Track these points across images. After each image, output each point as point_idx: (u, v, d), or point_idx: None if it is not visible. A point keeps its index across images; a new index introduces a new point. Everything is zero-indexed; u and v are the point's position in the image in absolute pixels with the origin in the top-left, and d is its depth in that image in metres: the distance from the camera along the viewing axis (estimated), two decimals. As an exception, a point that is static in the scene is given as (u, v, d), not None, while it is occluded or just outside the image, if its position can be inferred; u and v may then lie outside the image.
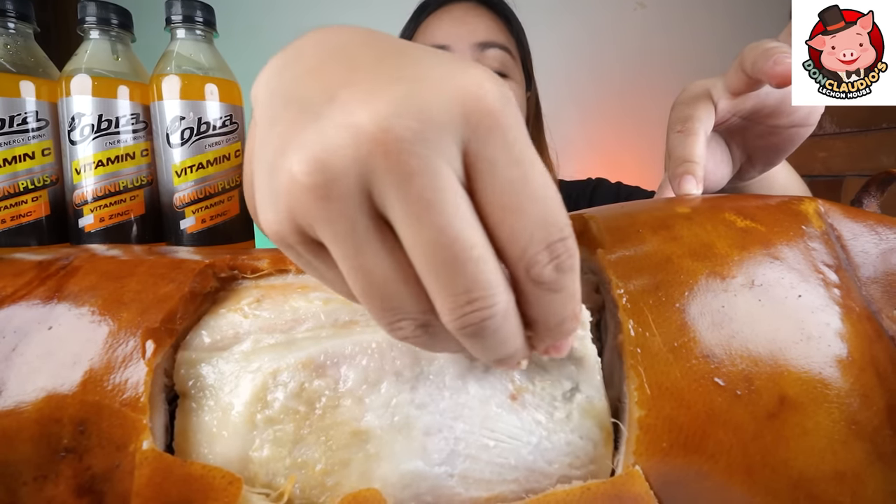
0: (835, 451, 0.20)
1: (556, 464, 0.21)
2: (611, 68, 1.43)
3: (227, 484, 0.20)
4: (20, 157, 0.35)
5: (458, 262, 0.14)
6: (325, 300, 0.24)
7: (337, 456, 0.20)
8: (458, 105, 0.14)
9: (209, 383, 0.22)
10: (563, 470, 0.21)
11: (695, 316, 0.21)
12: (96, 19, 0.35)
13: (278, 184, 0.14)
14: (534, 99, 0.78)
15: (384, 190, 0.14)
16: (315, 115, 0.14)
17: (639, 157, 1.41)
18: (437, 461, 0.20)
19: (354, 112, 0.13)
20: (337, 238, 0.14)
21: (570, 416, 0.21)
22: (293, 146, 0.14)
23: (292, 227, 0.15)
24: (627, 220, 0.25)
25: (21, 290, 0.24)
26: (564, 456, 0.21)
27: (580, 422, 0.21)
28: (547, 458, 0.21)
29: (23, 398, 0.21)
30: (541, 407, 0.21)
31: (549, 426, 0.21)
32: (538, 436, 0.21)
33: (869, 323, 0.22)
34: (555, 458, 0.21)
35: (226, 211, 0.38)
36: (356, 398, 0.21)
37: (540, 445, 0.21)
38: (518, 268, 0.15)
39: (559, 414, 0.21)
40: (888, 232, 0.25)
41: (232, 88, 0.38)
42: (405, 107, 0.13)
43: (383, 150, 0.13)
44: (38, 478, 0.21)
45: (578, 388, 0.22)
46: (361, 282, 0.15)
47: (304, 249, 0.16)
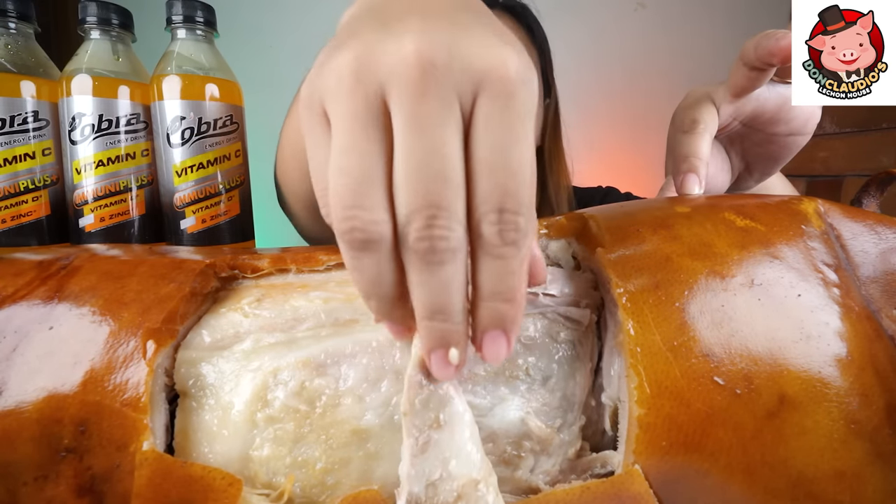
0: (834, 449, 0.20)
1: None
2: (611, 69, 1.43)
3: (227, 485, 0.20)
4: (21, 157, 0.35)
5: (438, 180, 0.16)
6: (325, 299, 0.24)
7: (337, 454, 0.20)
8: (487, 62, 0.16)
9: (210, 382, 0.22)
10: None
11: (694, 315, 0.21)
12: (97, 19, 0.36)
13: (330, 60, 0.17)
14: (553, 106, 0.78)
15: (399, 95, 0.16)
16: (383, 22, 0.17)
17: (639, 158, 1.41)
18: None
19: (410, 30, 0.16)
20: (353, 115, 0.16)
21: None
22: (357, 37, 0.16)
23: (320, 94, 0.17)
24: (627, 220, 0.25)
25: (22, 290, 0.24)
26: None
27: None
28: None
29: (23, 398, 0.21)
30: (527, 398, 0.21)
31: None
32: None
33: (868, 322, 0.22)
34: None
35: (226, 211, 0.38)
36: (356, 397, 0.21)
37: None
38: (472, 219, 0.17)
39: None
40: (887, 231, 0.25)
41: (232, 88, 0.38)
42: (447, 43, 0.16)
43: (414, 63, 0.15)
44: (39, 478, 0.21)
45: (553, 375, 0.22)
46: (350, 156, 0.16)
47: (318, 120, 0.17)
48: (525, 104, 0.16)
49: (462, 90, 0.16)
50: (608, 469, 0.21)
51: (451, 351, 0.18)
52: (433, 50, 0.15)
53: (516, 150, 0.16)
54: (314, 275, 0.26)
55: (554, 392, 0.22)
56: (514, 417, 0.22)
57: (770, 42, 0.29)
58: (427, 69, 0.15)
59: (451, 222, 0.16)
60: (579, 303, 0.24)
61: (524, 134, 0.16)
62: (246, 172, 0.40)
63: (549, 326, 0.23)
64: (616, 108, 1.45)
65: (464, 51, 0.16)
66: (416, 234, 0.16)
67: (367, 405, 0.21)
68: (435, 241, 0.16)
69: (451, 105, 0.16)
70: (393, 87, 0.16)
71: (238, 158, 0.38)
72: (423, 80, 0.15)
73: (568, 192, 0.75)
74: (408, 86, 0.15)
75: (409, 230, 0.16)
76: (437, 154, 0.16)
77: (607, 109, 1.45)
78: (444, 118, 0.16)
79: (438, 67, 0.15)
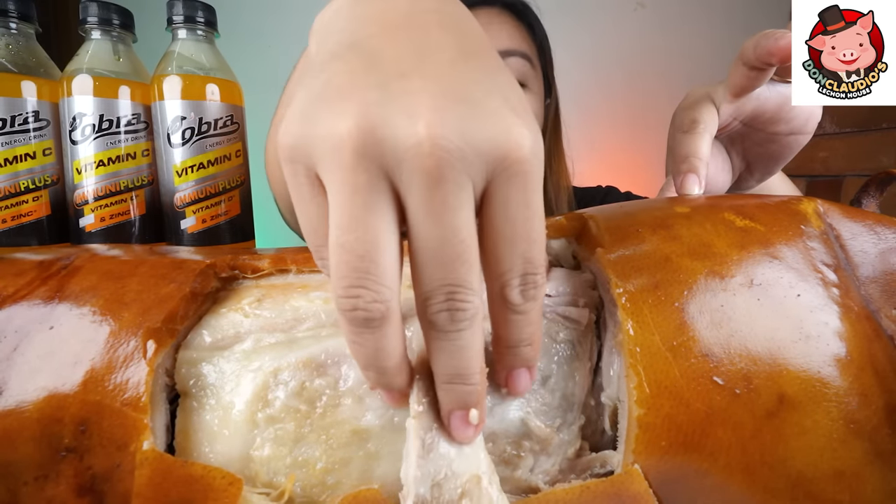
0: (833, 449, 0.20)
1: None
2: (611, 69, 1.43)
3: (227, 485, 0.20)
4: (21, 157, 0.35)
5: (457, 263, 0.16)
6: (325, 299, 0.24)
7: (337, 455, 0.20)
8: (500, 146, 0.16)
9: (210, 382, 0.22)
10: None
11: (694, 315, 0.21)
12: (98, 19, 0.36)
13: (320, 116, 0.16)
14: (553, 106, 0.78)
15: (413, 182, 0.15)
16: (381, 79, 0.16)
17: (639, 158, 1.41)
18: None
19: (419, 106, 0.15)
20: (353, 189, 0.16)
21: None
22: (353, 96, 0.16)
23: (309, 153, 0.16)
24: (627, 220, 0.25)
25: (22, 290, 0.24)
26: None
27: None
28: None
29: (24, 398, 0.21)
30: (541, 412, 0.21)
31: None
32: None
33: (867, 322, 0.22)
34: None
35: (226, 211, 0.38)
36: (357, 397, 0.21)
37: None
38: (495, 285, 0.18)
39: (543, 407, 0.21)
40: (887, 232, 0.25)
41: (233, 88, 0.38)
42: (459, 127, 0.15)
43: (428, 152, 0.15)
44: (39, 477, 0.21)
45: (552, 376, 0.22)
46: (352, 233, 0.16)
47: (304, 177, 0.17)
48: (539, 176, 0.17)
49: (476, 172, 0.16)
50: (608, 469, 0.21)
51: (471, 412, 0.18)
52: (447, 137, 0.15)
53: (535, 221, 0.17)
54: (314, 275, 0.26)
55: (553, 392, 0.22)
56: (514, 417, 0.22)
57: (769, 42, 0.29)
58: (442, 158, 0.15)
59: (468, 295, 0.17)
60: (578, 302, 0.24)
61: (539, 203, 0.17)
62: (246, 172, 0.40)
63: (548, 326, 0.23)
64: (616, 108, 1.45)
65: (477, 134, 0.16)
66: (436, 308, 0.17)
67: (367, 406, 0.21)
68: (454, 312, 0.17)
69: (465, 188, 0.16)
70: (404, 171, 0.15)
71: (238, 158, 0.38)
72: (438, 169, 0.15)
73: (568, 193, 0.75)
74: (421, 174, 0.15)
75: (429, 304, 0.17)
76: (455, 240, 0.16)
77: (607, 109, 1.45)
78: (460, 202, 0.16)
79: (453, 154, 0.15)
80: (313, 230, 0.18)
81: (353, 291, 0.16)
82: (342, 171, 0.16)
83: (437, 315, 0.17)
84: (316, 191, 0.17)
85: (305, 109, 0.16)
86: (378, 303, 0.16)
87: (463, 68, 0.17)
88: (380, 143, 0.15)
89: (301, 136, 0.16)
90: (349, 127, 0.15)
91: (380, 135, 0.15)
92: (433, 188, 0.15)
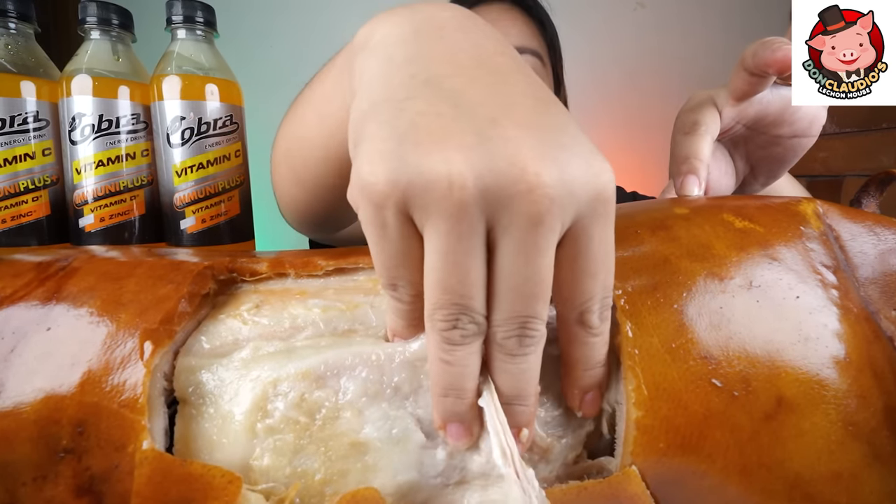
0: (832, 451, 0.20)
1: None
2: (610, 69, 1.43)
3: (226, 483, 0.20)
4: (20, 157, 0.35)
5: (535, 296, 0.17)
6: (323, 308, 0.23)
7: (336, 466, 0.20)
8: (593, 188, 0.17)
9: (209, 390, 0.22)
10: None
11: (693, 317, 0.21)
12: (97, 19, 0.36)
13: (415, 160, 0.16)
14: (562, 102, 0.77)
15: (513, 225, 0.16)
16: (475, 125, 0.17)
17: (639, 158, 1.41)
18: (432, 473, 0.20)
19: (519, 154, 0.16)
20: (458, 238, 0.16)
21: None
22: (449, 141, 0.16)
23: (405, 198, 0.16)
24: (625, 221, 0.25)
25: (20, 291, 0.24)
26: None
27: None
28: None
29: (21, 399, 0.21)
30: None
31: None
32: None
33: (867, 324, 0.22)
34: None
35: (226, 211, 0.38)
36: (356, 410, 0.21)
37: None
38: (573, 312, 0.19)
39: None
40: (886, 233, 0.25)
41: (232, 89, 0.38)
42: (559, 173, 0.16)
43: (534, 199, 0.16)
44: (38, 478, 0.21)
45: None
46: (449, 271, 0.17)
47: (394, 218, 0.17)
48: (614, 212, 0.18)
49: (568, 214, 0.17)
50: (604, 475, 0.21)
51: (523, 431, 0.20)
52: (550, 184, 0.16)
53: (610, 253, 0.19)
54: (312, 280, 0.26)
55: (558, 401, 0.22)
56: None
57: (766, 53, 0.29)
58: (545, 205, 0.16)
59: (538, 324, 0.18)
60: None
61: (612, 236, 0.19)
62: (246, 172, 0.40)
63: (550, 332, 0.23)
64: (616, 109, 1.45)
65: (574, 179, 0.16)
66: (507, 334, 0.18)
67: (366, 418, 0.21)
68: (523, 339, 0.18)
69: (556, 231, 0.17)
70: (505, 216, 0.16)
71: (238, 158, 0.38)
72: (540, 215, 0.16)
73: None
74: (523, 219, 0.16)
75: (500, 330, 0.18)
76: (537, 278, 0.17)
77: (607, 110, 1.45)
78: (549, 244, 0.17)
79: (555, 201, 0.16)
80: (394, 266, 0.18)
81: (452, 323, 0.18)
82: (448, 220, 0.16)
83: (508, 340, 0.18)
84: (407, 232, 0.17)
85: (394, 151, 0.16)
86: (473, 324, 0.18)
87: (545, 113, 0.18)
88: (485, 191, 0.16)
89: (393, 181, 0.16)
90: (453, 174, 0.16)
91: (485, 183, 0.16)
92: (531, 231, 0.16)
